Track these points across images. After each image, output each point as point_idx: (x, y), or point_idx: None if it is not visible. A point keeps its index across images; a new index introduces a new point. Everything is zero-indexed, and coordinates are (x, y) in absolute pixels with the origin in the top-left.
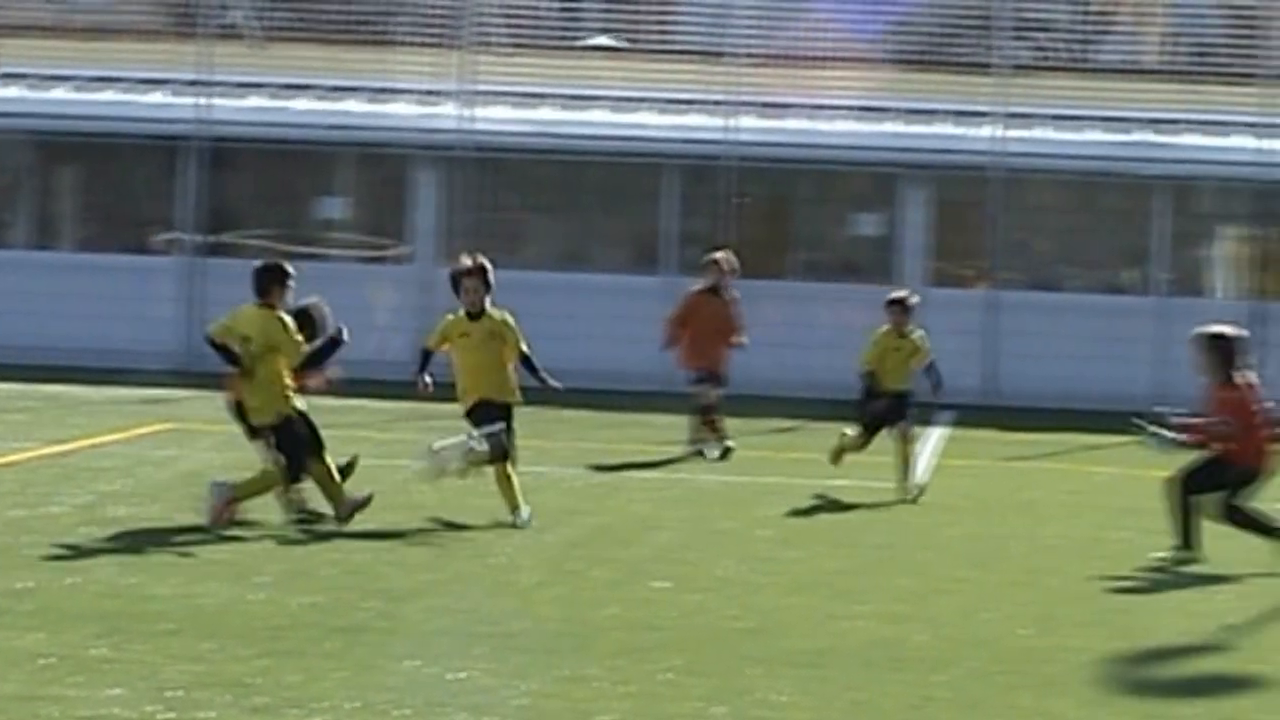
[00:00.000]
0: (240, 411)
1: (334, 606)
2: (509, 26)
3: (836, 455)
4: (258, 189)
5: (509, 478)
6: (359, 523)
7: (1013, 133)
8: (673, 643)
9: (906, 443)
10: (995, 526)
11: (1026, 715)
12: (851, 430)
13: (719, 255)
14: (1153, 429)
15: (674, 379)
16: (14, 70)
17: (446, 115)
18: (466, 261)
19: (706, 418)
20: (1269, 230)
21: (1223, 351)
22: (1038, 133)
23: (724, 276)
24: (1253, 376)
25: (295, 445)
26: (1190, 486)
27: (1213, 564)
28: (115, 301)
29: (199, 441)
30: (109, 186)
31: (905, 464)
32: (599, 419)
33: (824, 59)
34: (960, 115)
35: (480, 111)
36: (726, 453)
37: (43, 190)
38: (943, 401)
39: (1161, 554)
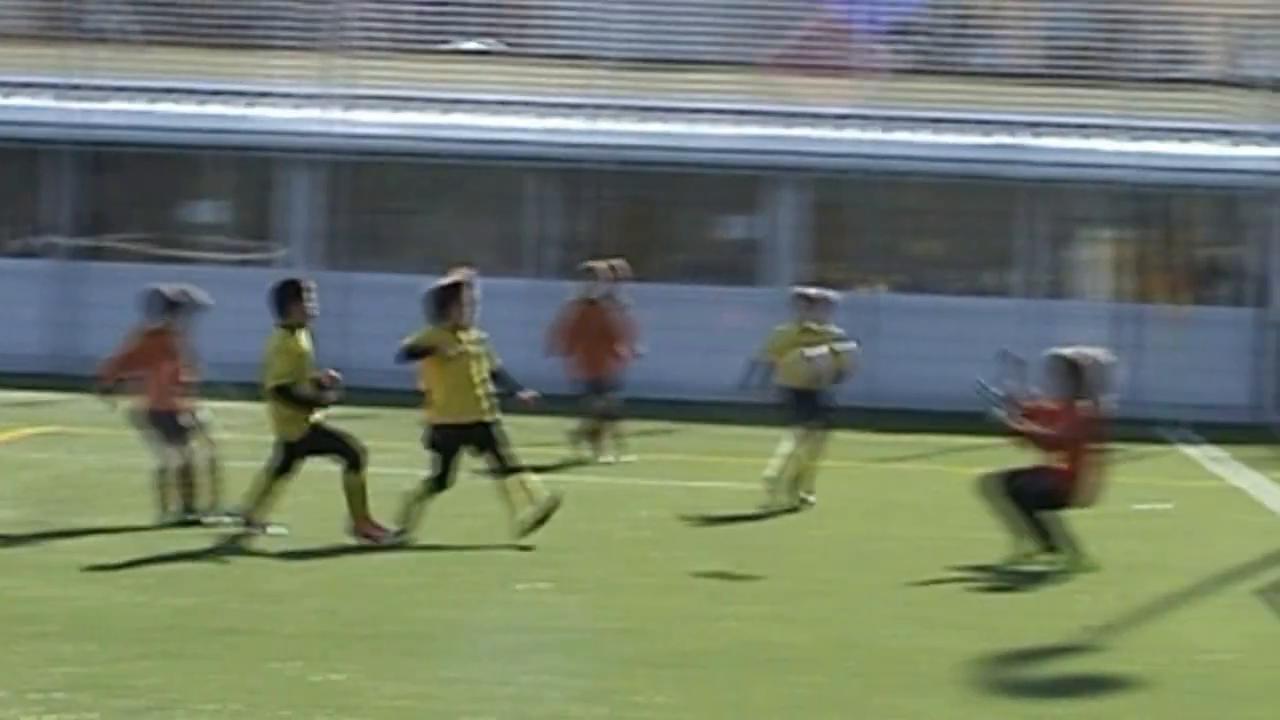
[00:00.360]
0: (157, 418)
1: (210, 609)
2: (380, 30)
3: (793, 481)
4: (130, 193)
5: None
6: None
7: (884, 135)
8: (547, 644)
9: (812, 446)
10: (868, 528)
11: (899, 715)
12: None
13: (597, 264)
14: (994, 389)
15: (544, 380)
16: None
17: (318, 119)
18: (468, 272)
19: (595, 426)
20: (1139, 233)
21: (1071, 377)
22: (909, 135)
23: (606, 284)
24: (1103, 408)
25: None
26: (1008, 489)
27: (1080, 564)
28: None
29: (77, 444)
30: None
31: (803, 468)
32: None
33: (695, 62)
34: (832, 118)
35: (352, 115)
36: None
37: None
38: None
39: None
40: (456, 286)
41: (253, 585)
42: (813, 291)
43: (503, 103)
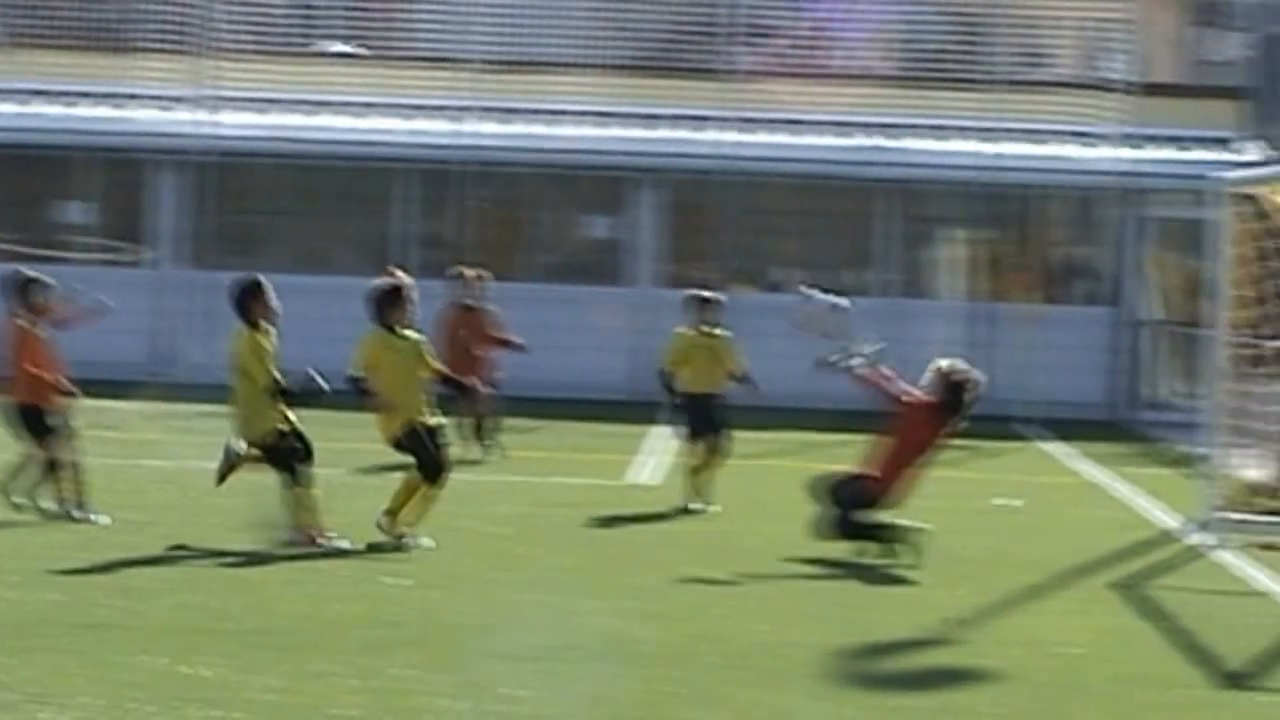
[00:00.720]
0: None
1: (80, 604)
2: (247, 33)
3: (694, 485)
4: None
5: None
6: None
7: (743, 137)
8: (411, 639)
9: (713, 455)
10: (728, 524)
11: (759, 709)
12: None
13: (467, 270)
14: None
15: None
16: None
17: (186, 120)
18: (404, 277)
19: (476, 424)
20: (994, 233)
21: (946, 390)
22: (767, 137)
23: (473, 288)
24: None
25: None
26: (831, 496)
27: (939, 560)
28: None
29: None
30: None
31: (703, 475)
32: (345, 419)
33: (557, 65)
34: (692, 120)
35: (219, 117)
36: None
37: None
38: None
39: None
40: (397, 290)
41: (121, 581)
42: (707, 294)
43: (368, 105)
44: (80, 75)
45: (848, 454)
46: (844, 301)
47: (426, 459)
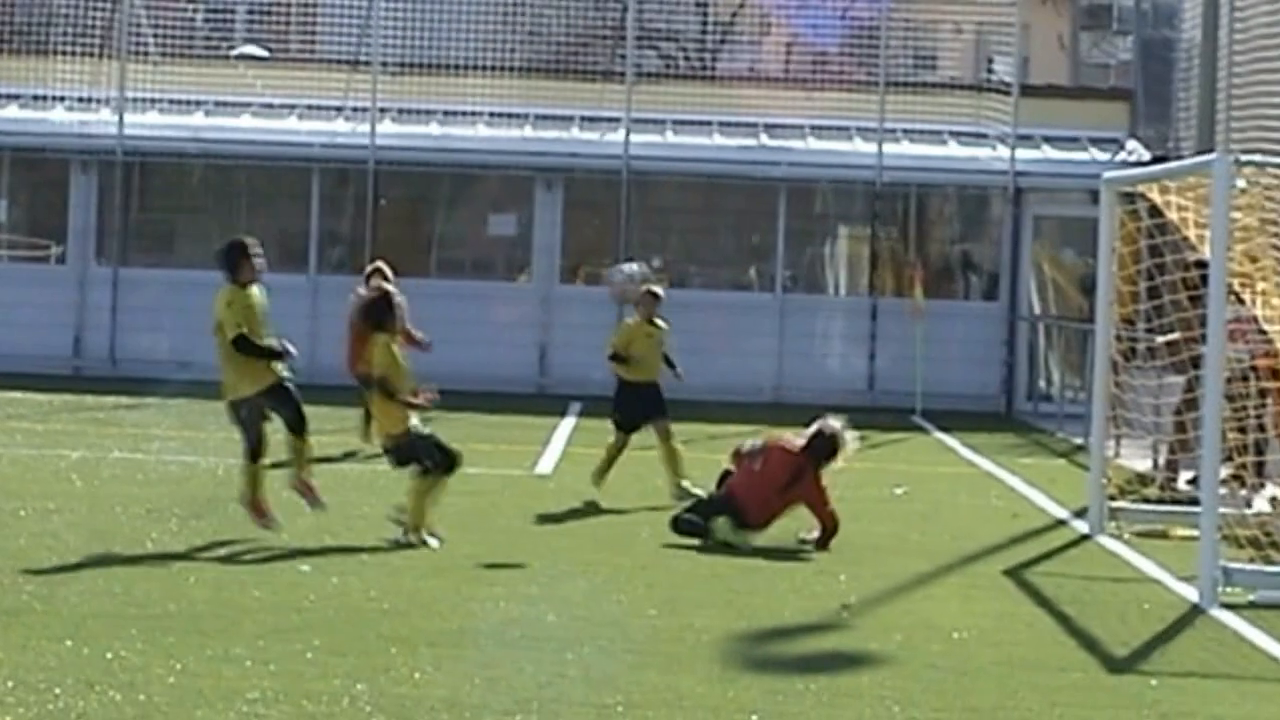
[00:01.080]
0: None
1: None
2: (160, 36)
3: (601, 472)
4: None
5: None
6: (14, 509)
7: (640, 137)
8: (316, 624)
9: (666, 439)
10: (626, 513)
11: (653, 692)
12: (611, 438)
13: (381, 264)
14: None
15: (320, 372)
16: None
17: (101, 121)
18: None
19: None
20: (884, 230)
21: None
22: (664, 137)
23: (381, 283)
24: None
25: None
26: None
27: (835, 547)
28: None
29: None
30: None
31: (672, 459)
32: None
33: (461, 67)
34: (591, 120)
35: (133, 118)
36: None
37: None
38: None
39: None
40: (387, 296)
41: (33, 564)
42: (658, 290)
43: (278, 106)
44: None
45: (731, 444)
46: (638, 269)
47: (440, 455)
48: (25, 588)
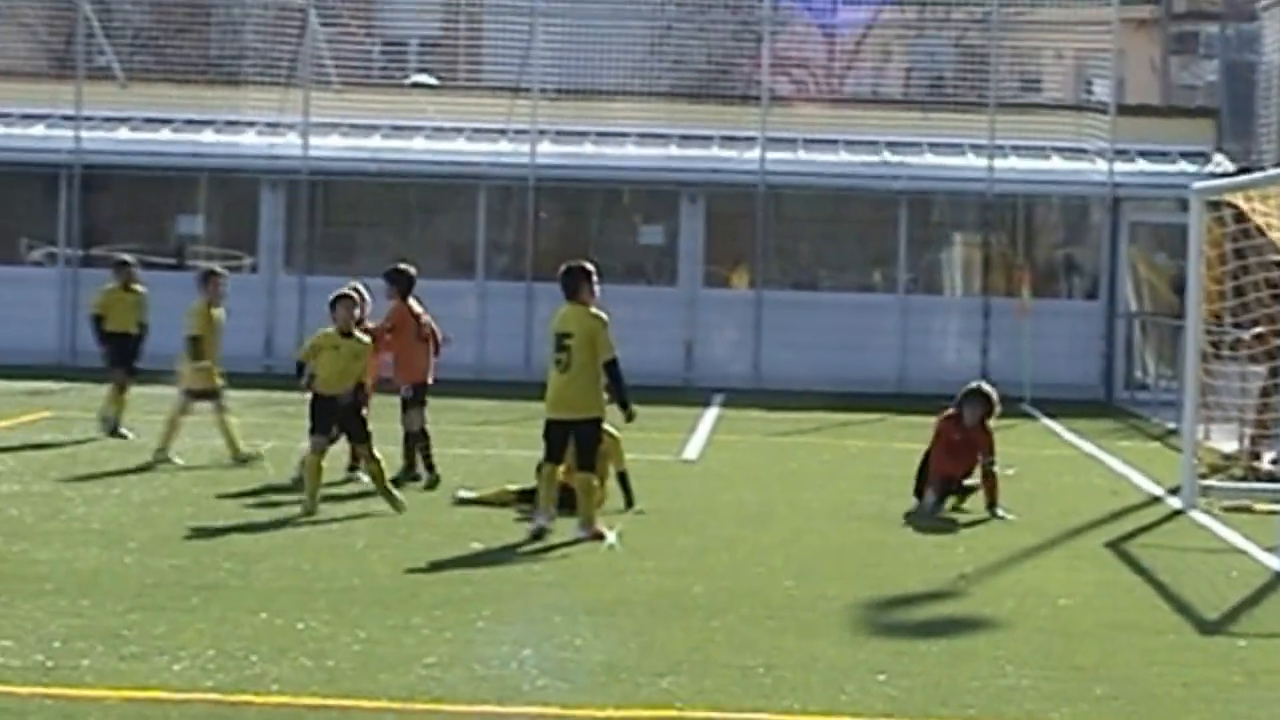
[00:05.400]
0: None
1: (194, 568)
2: (341, 67)
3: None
4: (126, 209)
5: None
6: (216, 496)
7: (774, 154)
8: (485, 595)
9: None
10: (762, 492)
11: (791, 654)
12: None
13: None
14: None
15: (489, 368)
16: None
17: (288, 144)
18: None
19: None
20: (994, 237)
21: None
22: (796, 154)
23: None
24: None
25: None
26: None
27: (945, 524)
28: (2, 307)
29: (75, 427)
30: None
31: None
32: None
33: (612, 93)
34: (730, 140)
35: (317, 141)
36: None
37: None
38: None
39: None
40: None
41: (228, 547)
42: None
43: (447, 129)
44: (196, 105)
45: (865, 431)
46: None
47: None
48: (223, 565)
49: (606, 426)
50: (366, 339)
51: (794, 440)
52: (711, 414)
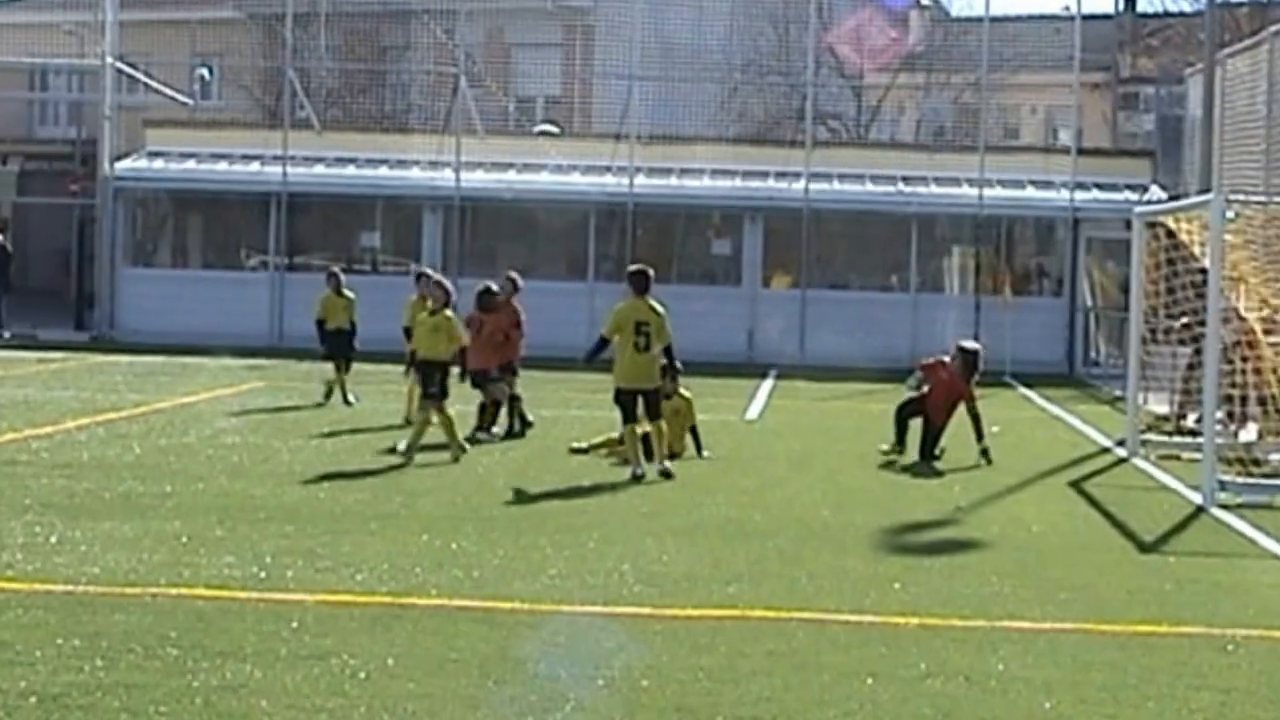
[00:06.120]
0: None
1: (372, 500)
2: (485, 118)
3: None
4: (320, 227)
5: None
6: (386, 447)
7: (815, 186)
8: (595, 522)
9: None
10: (806, 444)
11: (827, 567)
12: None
13: (513, 273)
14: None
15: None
16: (157, 149)
17: (444, 178)
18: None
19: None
20: (983, 249)
21: (965, 359)
22: (832, 185)
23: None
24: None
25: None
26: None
27: (952, 469)
28: (226, 302)
29: (283, 394)
30: (222, 226)
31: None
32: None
33: (691, 138)
34: (781, 175)
35: (466, 175)
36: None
37: (176, 230)
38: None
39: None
40: (645, 273)
41: (400, 484)
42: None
43: (565, 166)
44: (374, 147)
45: (886, 398)
46: None
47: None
48: (395, 499)
49: (683, 390)
50: (450, 314)
51: (831, 405)
52: (767, 385)
